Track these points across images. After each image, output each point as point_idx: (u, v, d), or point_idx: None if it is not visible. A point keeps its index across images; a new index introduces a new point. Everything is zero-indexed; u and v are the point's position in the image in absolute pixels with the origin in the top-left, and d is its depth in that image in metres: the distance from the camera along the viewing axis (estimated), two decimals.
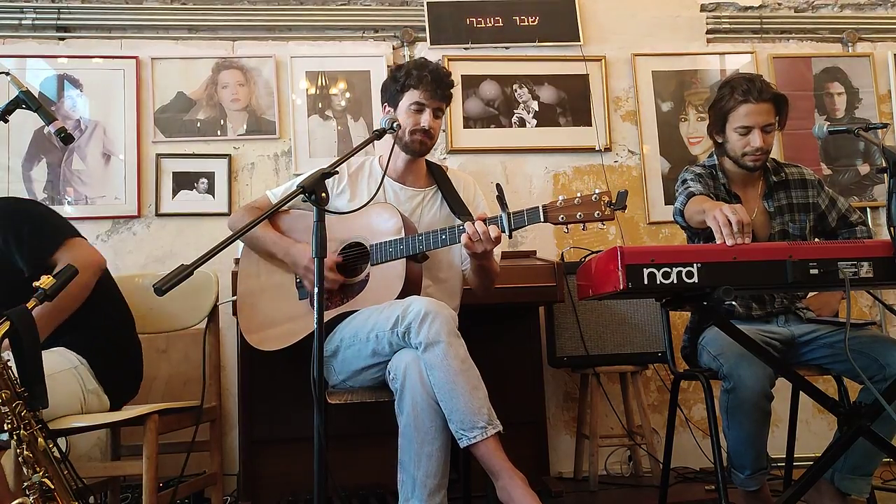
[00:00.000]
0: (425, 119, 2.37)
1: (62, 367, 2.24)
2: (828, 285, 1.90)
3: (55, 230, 2.37)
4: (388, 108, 2.48)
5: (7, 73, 2.26)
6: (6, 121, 2.16)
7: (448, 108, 2.47)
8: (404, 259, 2.23)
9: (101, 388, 2.34)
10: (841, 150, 3.87)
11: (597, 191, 2.02)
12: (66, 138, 2.12)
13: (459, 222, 2.24)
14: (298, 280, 2.41)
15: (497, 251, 2.29)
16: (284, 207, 2.20)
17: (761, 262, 1.80)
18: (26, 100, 2.11)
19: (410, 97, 2.39)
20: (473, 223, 2.12)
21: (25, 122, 3.25)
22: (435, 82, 2.38)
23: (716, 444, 2.23)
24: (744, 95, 2.43)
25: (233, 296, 2.61)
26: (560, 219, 2.05)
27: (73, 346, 2.31)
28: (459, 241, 2.16)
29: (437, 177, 2.54)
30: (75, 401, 2.23)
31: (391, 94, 2.46)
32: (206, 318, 2.73)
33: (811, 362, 2.39)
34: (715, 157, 2.61)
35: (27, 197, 3.30)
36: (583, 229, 2.08)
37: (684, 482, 3.20)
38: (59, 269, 2.17)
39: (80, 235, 2.41)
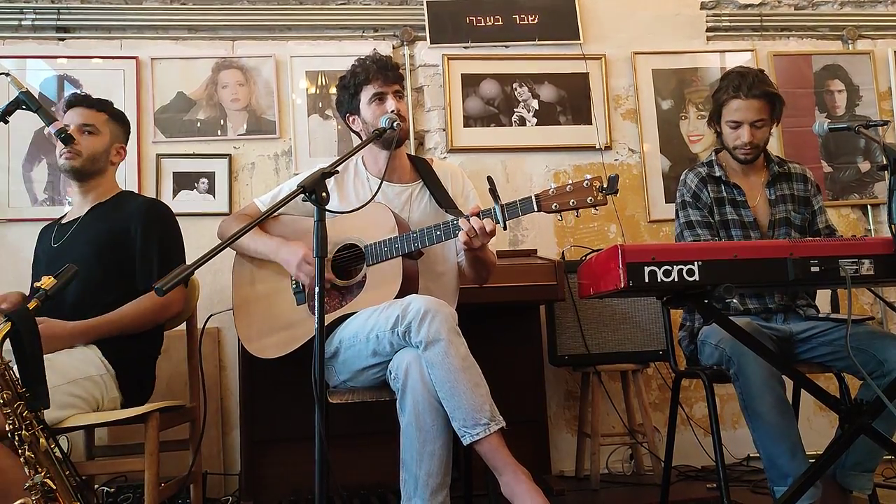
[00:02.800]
0: (391, 104, 2.37)
1: (88, 373, 2.28)
2: (829, 283, 1.90)
3: (180, 261, 2.52)
4: (353, 118, 2.50)
5: (7, 74, 2.27)
6: (6, 121, 2.17)
7: (406, 92, 2.48)
8: (400, 258, 2.23)
9: (121, 397, 2.40)
10: (841, 147, 3.86)
11: (588, 176, 2.03)
12: (67, 139, 2.13)
13: (450, 216, 2.24)
14: (295, 285, 2.41)
15: (493, 241, 2.28)
16: (275, 214, 2.20)
17: (762, 259, 1.80)
18: (26, 100, 2.12)
19: (367, 93, 2.41)
20: (468, 219, 2.11)
21: (26, 123, 3.24)
22: (381, 69, 2.40)
23: (717, 442, 2.23)
24: (734, 91, 2.52)
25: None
26: (553, 207, 2.05)
27: (106, 353, 2.35)
28: (454, 237, 2.16)
29: (422, 171, 2.53)
30: (89, 406, 2.26)
31: (348, 103, 2.48)
32: (186, 322, 2.73)
33: (812, 360, 2.39)
34: (713, 153, 2.67)
35: (30, 198, 3.36)
36: (576, 216, 2.08)
37: (686, 480, 3.20)
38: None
39: None
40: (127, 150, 2.66)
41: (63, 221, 2.61)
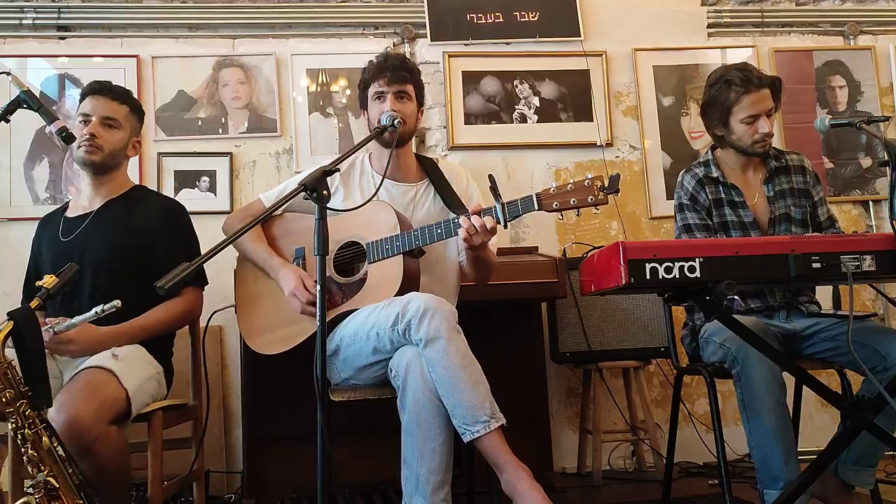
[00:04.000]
0: (388, 104, 2.38)
1: (151, 372, 2.32)
2: (830, 279, 1.90)
3: (201, 269, 2.51)
4: (363, 113, 2.53)
5: (8, 73, 2.26)
6: (7, 121, 2.16)
7: (415, 93, 2.47)
8: (401, 256, 2.23)
9: (166, 393, 2.43)
10: (843, 143, 3.86)
11: (589, 175, 2.02)
12: (68, 138, 2.12)
13: (454, 215, 2.24)
14: None
15: (494, 241, 2.28)
16: (278, 211, 2.19)
17: (763, 256, 1.80)
18: (27, 99, 2.11)
19: (371, 91, 2.44)
20: (469, 217, 2.11)
21: (27, 122, 3.25)
22: (387, 68, 2.41)
23: (719, 439, 2.23)
24: (744, 86, 2.47)
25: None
26: (554, 206, 2.04)
27: (154, 353, 2.38)
28: (455, 235, 2.16)
29: (429, 170, 2.54)
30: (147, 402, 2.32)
31: (360, 99, 2.52)
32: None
33: (814, 356, 2.39)
34: (710, 152, 2.64)
35: (31, 197, 3.38)
36: (577, 215, 2.07)
37: (688, 477, 3.20)
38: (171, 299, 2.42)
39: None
40: (141, 143, 2.62)
41: (70, 214, 2.53)
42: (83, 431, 1.88)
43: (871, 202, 3.84)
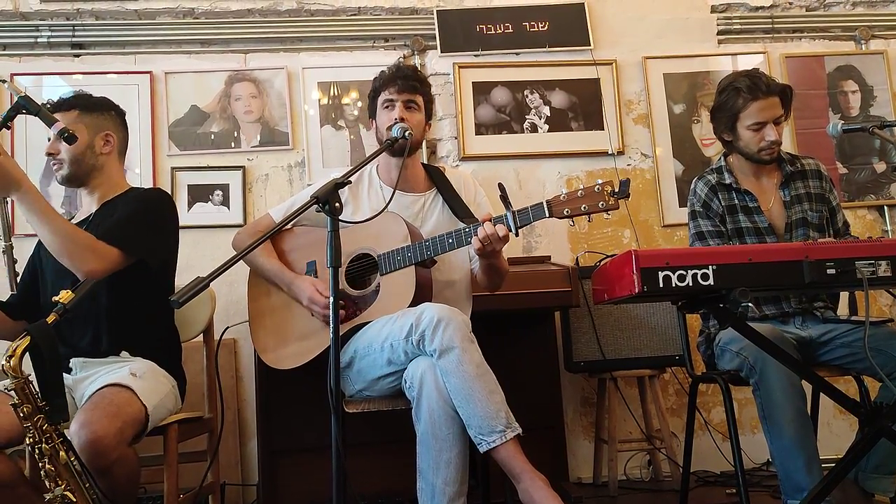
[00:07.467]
0: (396, 112, 2.39)
1: (167, 387, 2.30)
2: (846, 285, 1.88)
3: (144, 230, 2.31)
4: (372, 122, 2.55)
5: (3, 81, 2.25)
6: (9, 127, 2.15)
7: (424, 103, 2.47)
8: (413, 266, 2.24)
9: (181, 404, 2.42)
10: (856, 148, 3.84)
11: (599, 181, 2.02)
12: (70, 138, 2.11)
13: (463, 224, 2.24)
14: None
15: (504, 248, 2.28)
16: (288, 225, 2.20)
17: (777, 262, 1.79)
18: (26, 105, 2.07)
19: (381, 99, 2.45)
20: (483, 225, 2.12)
21: (43, 140, 3.27)
22: (398, 77, 2.42)
23: (736, 447, 2.21)
24: (752, 93, 2.48)
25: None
26: (565, 212, 2.04)
27: (165, 366, 2.35)
28: (466, 244, 2.17)
29: (436, 179, 2.54)
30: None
31: (370, 107, 2.54)
32: (202, 333, 2.73)
33: (830, 363, 2.37)
34: (722, 158, 2.64)
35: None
36: (589, 221, 2.07)
37: (705, 486, 3.17)
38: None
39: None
40: (116, 135, 2.44)
41: (73, 223, 2.46)
42: (104, 452, 1.87)
43: (885, 207, 3.81)
